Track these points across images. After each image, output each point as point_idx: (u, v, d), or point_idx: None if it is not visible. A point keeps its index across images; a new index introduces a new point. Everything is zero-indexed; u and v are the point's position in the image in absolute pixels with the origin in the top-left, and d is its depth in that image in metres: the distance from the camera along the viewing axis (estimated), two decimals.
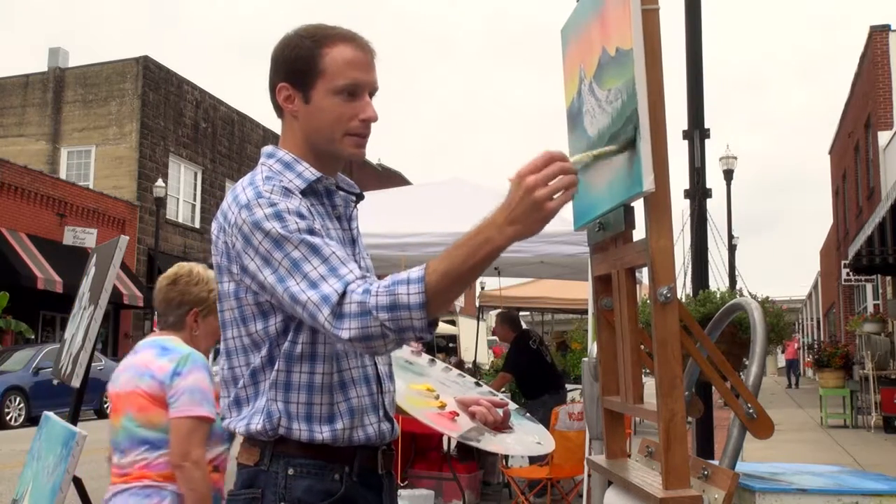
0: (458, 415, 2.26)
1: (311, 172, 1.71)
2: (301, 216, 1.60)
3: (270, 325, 1.65)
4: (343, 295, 1.51)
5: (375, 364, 1.75)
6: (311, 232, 1.59)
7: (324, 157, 1.75)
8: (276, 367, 1.64)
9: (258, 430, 1.65)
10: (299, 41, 1.71)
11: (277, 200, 1.61)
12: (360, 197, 1.86)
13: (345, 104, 1.69)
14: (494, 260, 1.51)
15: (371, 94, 1.73)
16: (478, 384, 2.77)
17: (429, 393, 2.41)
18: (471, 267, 1.48)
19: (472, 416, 2.15)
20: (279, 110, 1.77)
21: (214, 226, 1.72)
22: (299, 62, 1.69)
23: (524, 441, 2.42)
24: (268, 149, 1.78)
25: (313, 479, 1.65)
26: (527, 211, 1.45)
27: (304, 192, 1.68)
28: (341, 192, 1.81)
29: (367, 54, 1.72)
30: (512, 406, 2.70)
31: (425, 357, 2.84)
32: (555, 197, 1.45)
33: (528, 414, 2.71)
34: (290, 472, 1.64)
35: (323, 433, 1.64)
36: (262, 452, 1.67)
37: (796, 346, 30.70)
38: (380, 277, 1.79)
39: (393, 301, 1.48)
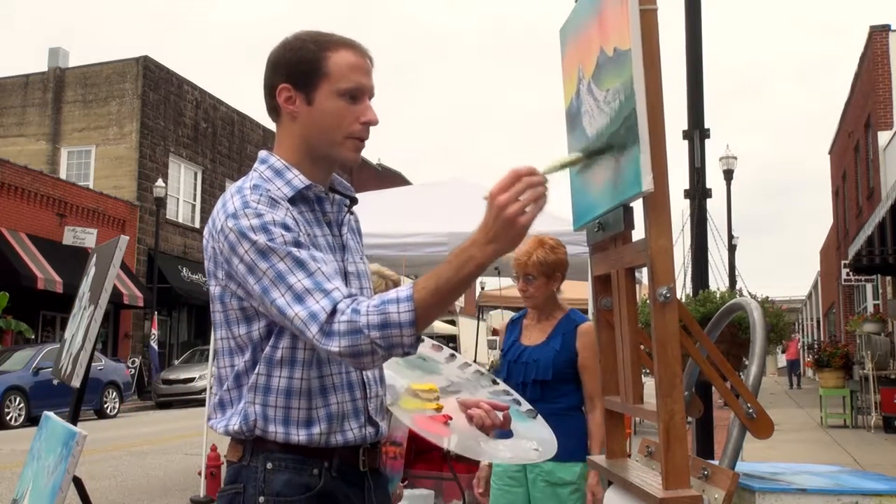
0: (451, 418, 2.23)
1: (300, 180, 1.73)
2: (287, 228, 1.63)
3: (253, 329, 1.68)
4: (332, 313, 1.55)
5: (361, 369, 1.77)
6: (297, 244, 1.62)
7: (319, 161, 1.76)
8: (256, 371, 1.68)
9: (235, 430, 1.69)
10: (302, 44, 1.73)
11: (264, 211, 1.63)
12: (353, 201, 1.87)
13: (348, 107, 1.71)
14: (478, 276, 1.58)
15: (369, 99, 1.76)
16: (494, 382, 2.74)
17: (430, 393, 2.39)
18: (456, 284, 1.54)
19: (470, 419, 2.13)
20: (275, 113, 1.78)
21: (205, 231, 1.75)
22: (303, 64, 1.71)
23: (519, 447, 2.38)
24: (262, 154, 1.80)
25: (292, 474, 1.68)
26: (502, 228, 1.51)
27: (293, 199, 1.71)
28: (337, 197, 1.83)
29: (367, 61, 1.76)
30: (525, 407, 2.66)
31: (446, 351, 2.81)
32: (526, 211, 1.50)
33: (538, 416, 2.67)
34: (269, 466, 1.68)
35: (299, 436, 1.68)
36: (244, 449, 1.71)
37: (798, 345, 30.61)
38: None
39: (384, 320, 1.52)
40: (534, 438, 2.47)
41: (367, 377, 1.78)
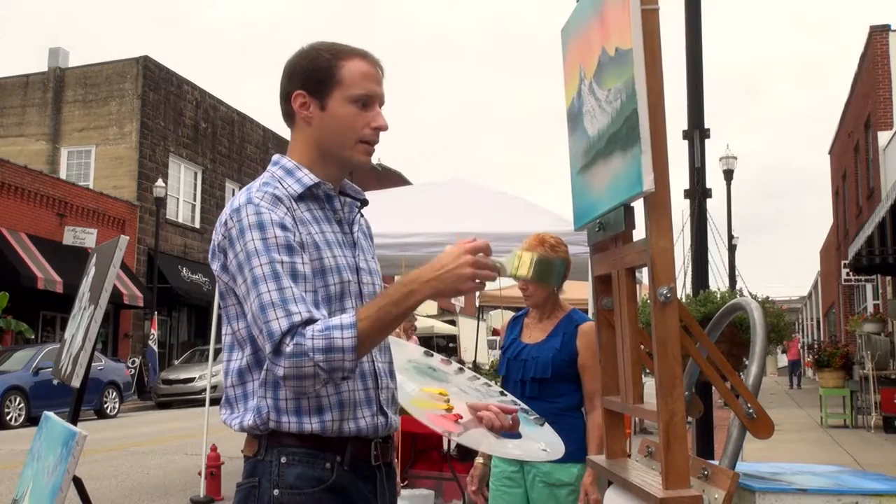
0: (461, 417, 2.25)
1: (309, 178, 1.81)
2: (283, 227, 1.71)
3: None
4: (286, 334, 1.62)
5: (373, 360, 1.83)
6: (289, 248, 1.70)
7: (331, 164, 1.85)
8: (264, 367, 1.73)
9: (250, 425, 1.75)
10: (316, 53, 1.83)
11: (264, 209, 1.72)
12: (364, 203, 1.96)
13: (359, 113, 1.81)
14: (416, 308, 1.69)
15: (380, 106, 1.85)
16: (503, 394, 2.76)
17: (440, 396, 2.41)
18: (396, 316, 1.65)
19: (480, 420, 2.15)
20: (290, 118, 1.87)
21: (215, 229, 1.82)
22: (318, 72, 1.81)
23: (526, 447, 2.40)
24: (275, 157, 1.89)
25: (304, 467, 1.73)
26: (454, 278, 1.63)
27: (302, 196, 1.79)
28: (348, 199, 1.92)
29: (378, 70, 1.86)
30: (533, 415, 2.67)
31: (455, 365, 2.84)
32: (477, 281, 1.63)
33: (546, 424, 2.68)
34: (283, 460, 1.73)
35: (312, 424, 1.73)
36: (259, 443, 1.77)
37: (799, 345, 30.57)
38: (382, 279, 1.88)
39: (328, 344, 1.61)
40: (542, 440, 2.49)
41: (379, 368, 1.84)
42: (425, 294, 1.64)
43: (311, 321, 1.64)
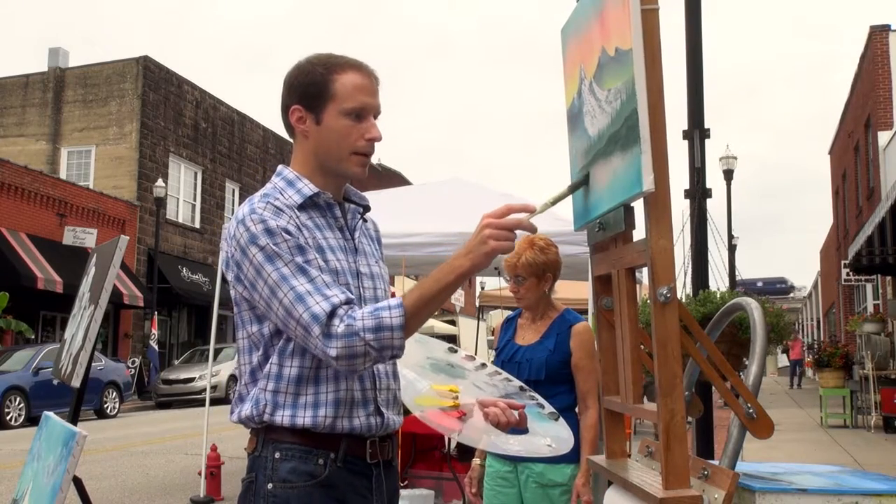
0: (464, 414, 2.25)
1: (309, 188, 1.88)
2: (288, 233, 1.78)
3: (264, 326, 1.81)
4: (331, 316, 1.69)
5: None
6: (300, 249, 1.77)
7: (328, 174, 1.91)
8: (270, 361, 1.81)
9: (247, 415, 1.83)
10: (311, 68, 1.88)
11: (268, 217, 1.78)
12: (366, 209, 2.02)
13: (353, 125, 1.85)
14: (460, 284, 1.76)
15: (375, 117, 1.89)
16: (523, 389, 2.76)
17: (449, 393, 2.41)
18: (439, 291, 1.72)
19: (486, 416, 2.15)
20: (290, 130, 1.92)
21: (222, 240, 1.87)
22: (312, 87, 1.86)
23: (531, 442, 2.39)
24: (279, 168, 1.96)
25: (297, 462, 1.79)
26: (476, 244, 1.70)
27: (303, 206, 1.86)
28: (351, 206, 1.98)
29: (373, 81, 1.90)
30: (548, 409, 2.66)
31: (477, 361, 2.84)
32: (499, 239, 1.68)
33: (561, 419, 2.67)
34: (277, 455, 1.80)
35: (305, 418, 1.78)
36: (257, 440, 1.84)
37: (802, 346, 30.52)
38: None
39: (378, 323, 1.69)
40: (549, 435, 2.48)
41: (378, 370, 1.88)
42: (465, 267, 1.70)
43: (349, 301, 1.72)
